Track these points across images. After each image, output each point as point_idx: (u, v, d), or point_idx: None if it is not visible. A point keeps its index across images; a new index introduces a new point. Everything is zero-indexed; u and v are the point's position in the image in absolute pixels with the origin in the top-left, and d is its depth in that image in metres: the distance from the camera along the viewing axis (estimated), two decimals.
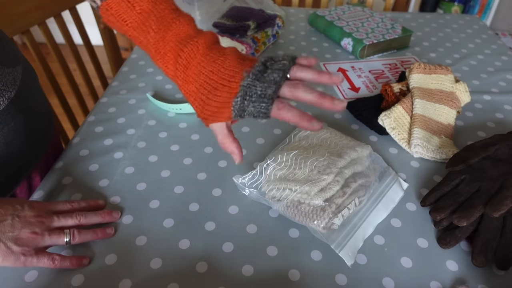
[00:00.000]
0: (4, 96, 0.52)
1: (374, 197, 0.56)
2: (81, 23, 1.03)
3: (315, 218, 0.49)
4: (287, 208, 0.51)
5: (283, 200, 0.52)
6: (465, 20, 1.14)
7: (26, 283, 0.46)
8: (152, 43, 0.44)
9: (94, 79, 1.11)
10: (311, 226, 0.50)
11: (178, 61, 0.44)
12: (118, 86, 0.80)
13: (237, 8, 0.94)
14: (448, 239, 0.50)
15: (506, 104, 0.78)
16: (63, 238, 0.47)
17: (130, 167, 0.62)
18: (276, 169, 0.55)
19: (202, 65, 0.43)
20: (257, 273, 0.48)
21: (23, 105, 0.56)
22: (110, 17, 0.44)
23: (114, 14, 0.43)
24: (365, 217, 0.53)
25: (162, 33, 0.44)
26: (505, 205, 0.49)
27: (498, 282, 0.48)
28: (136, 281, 0.47)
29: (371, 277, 0.48)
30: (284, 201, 0.52)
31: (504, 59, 0.94)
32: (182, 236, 0.52)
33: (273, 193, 0.53)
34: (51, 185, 0.58)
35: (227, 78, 0.42)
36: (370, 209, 0.54)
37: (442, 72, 0.73)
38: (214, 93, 0.43)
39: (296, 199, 0.51)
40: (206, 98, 0.43)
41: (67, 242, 0.47)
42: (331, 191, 0.51)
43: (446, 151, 0.64)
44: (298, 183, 0.51)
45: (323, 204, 0.50)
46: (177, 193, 0.58)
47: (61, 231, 0.47)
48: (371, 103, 0.74)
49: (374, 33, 0.94)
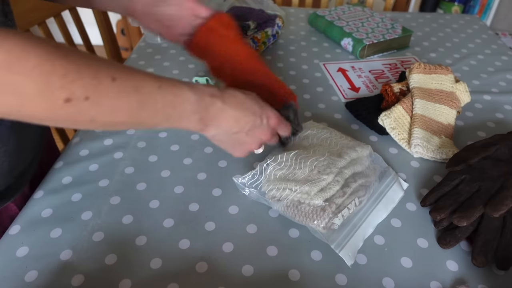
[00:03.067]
0: None
1: (374, 197, 0.55)
2: (81, 23, 1.03)
3: (315, 218, 0.49)
4: (287, 208, 0.51)
5: (283, 200, 0.52)
6: (465, 20, 1.14)
7: (26, 283, 0.46)
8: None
9: None
10: (311, 226, 0.50)
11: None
12: None
13: (237, 8, 0.94)
14: (448, 239, 0.50)
15: (506, 104, 0.78)
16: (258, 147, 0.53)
17: (130, 167, 0.62)
18: (276, 169, 0.55)
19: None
20: (257, 273, 0.48)
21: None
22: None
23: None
24: (365, 217, 0.53)
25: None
26: (505, 205, 0.49)
27: (498, 282, 0.48)
28: (136, 281, 0.47)
29: (371, 277, 0.48)
30: (284, 201, 0.52)
31: (504, 59, 0.94)
32: (182, 236, 0.52)
33: (273, 193, 0.53)
34: (51, 185, 0.58)
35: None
36: (370, 209, 0.54)
37: (442, 72, 0.73)
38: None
39: (296, 199, 0.51)
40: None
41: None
42: (331, 191, 0.51)
43: (446, 151, 0.64)
44: (298, 183, 0.51)
45: (323, 204, 0.50)
46: (177, 193, 0.58)
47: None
48: (371, 103, 0.74)
49: (374, 33, 0.94)
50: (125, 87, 0.36)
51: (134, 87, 0.37)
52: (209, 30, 0.53)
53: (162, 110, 0.40)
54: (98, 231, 0.52)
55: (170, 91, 0.40)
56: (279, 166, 0.55)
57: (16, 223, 0.53)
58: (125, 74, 0.37)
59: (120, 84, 0.36)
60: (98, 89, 0.34)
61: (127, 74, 0.37)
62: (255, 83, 0.54)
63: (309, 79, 0.84)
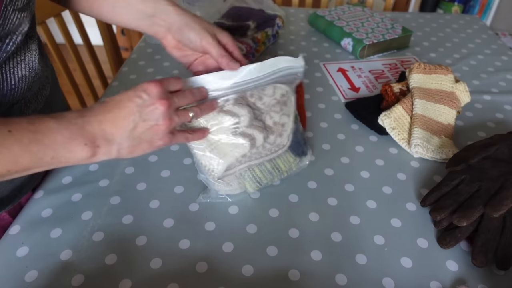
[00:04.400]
0: (42, 94, 0.52)
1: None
2: (81, 23, 1.03)
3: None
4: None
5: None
6: (465, 20, 1.14)
7: (26, 283, 0.46)
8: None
9: (94, 79, 1.11)
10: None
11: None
12: (118, 86, 0.80)
13: (237, 8, 0.94)
14: (448, 239, 0.50)
15: (506, 104, 0.78)
16: (188, 115, 0.46)
17: (130, 167, 0.62)
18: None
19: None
20: (257, 273, 0.48)
21: (53, 109, 0.56)
22: None
23: None
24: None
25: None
26: (505, 205, 0.49)
27: (498, 282, 0.48)
28: (136, 281, 0.47)
29: (371, 277, 0.48)
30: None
31: (504, 59, 0.94)
32: (182, 236, 0.52)
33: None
34: (51, 185, 0.58)
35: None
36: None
37: (442, 72, 0.73)
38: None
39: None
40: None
41: (191, 117, 0.47)
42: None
43: (446, 151, 0.64)
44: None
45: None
46: (177, 193, 0.58)
47: (185, 110, 0.46)
48: (371, 103, 0.74)
49: (374, 33, 0.94)
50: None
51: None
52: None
53: (25, 152, 0.37)
54: (98, 231, 0.52)
55: (26, 129, 0.37)
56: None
57: (16, 223, 0.53)
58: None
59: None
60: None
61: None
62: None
63: (309, 79, 0.84)
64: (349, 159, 0.65)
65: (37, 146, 0.37)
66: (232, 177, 0.54)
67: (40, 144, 0.37)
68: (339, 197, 0.58)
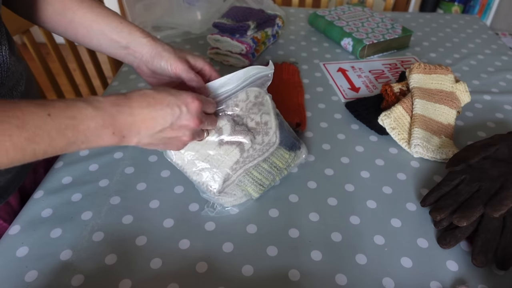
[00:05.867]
0: (17, 89, 0.51)
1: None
2: None
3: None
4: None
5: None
6: (465, 20, 1.14)
7: (26, 283, 0.46)
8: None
9: (94, 79, 1.11)
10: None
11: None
12: (118, 86, 0.80)
13: (237, 8, 0.94)
14: (448, 239, 0.50)
15: (506, 104, 0.78)
16: (204, 135, 0.51)
17: (130, 167, 0.62)
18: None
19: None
20: (257, 273, 0.48)
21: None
22: None
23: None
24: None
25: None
26: (505, 205, 0.49)
27: (498, 282, 0.48)
28: (136, 281, 0.47)
29: (371, 277, 0.48)
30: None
31: (504, 59, 0.94)
32: (182, 236, 0.52)
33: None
34: (51, 185, 0.58)
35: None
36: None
37: (442, 72, 0.73)
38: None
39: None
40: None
41: (205, 137, 0.52)
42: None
43: (446, 151, 0.64)
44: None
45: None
46: (177, 193, 0.58)
47: (203, 130, 0.51)
48: (371, 103, 0.74)
49: (374, 33, 0.94)
50: (4, 130, 0.34)
51: (16, 125, 0.34)
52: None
53: (60, 137, 0.37)
54: (98, 231, 0.52)
55: (63, 115, 0.37)
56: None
57: (16, 223, 0.53)
58: (3, 112, 0.34)
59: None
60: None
61: (5, 112, 0.34)
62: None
63: (309, 79, 0.84)
64: (349, 159, 0.65)
65: (72, 131, 0.38)
66: (233, 186, 0.54)
67: (75, 130, 0.38)
68: (339, 197, 0.58)
